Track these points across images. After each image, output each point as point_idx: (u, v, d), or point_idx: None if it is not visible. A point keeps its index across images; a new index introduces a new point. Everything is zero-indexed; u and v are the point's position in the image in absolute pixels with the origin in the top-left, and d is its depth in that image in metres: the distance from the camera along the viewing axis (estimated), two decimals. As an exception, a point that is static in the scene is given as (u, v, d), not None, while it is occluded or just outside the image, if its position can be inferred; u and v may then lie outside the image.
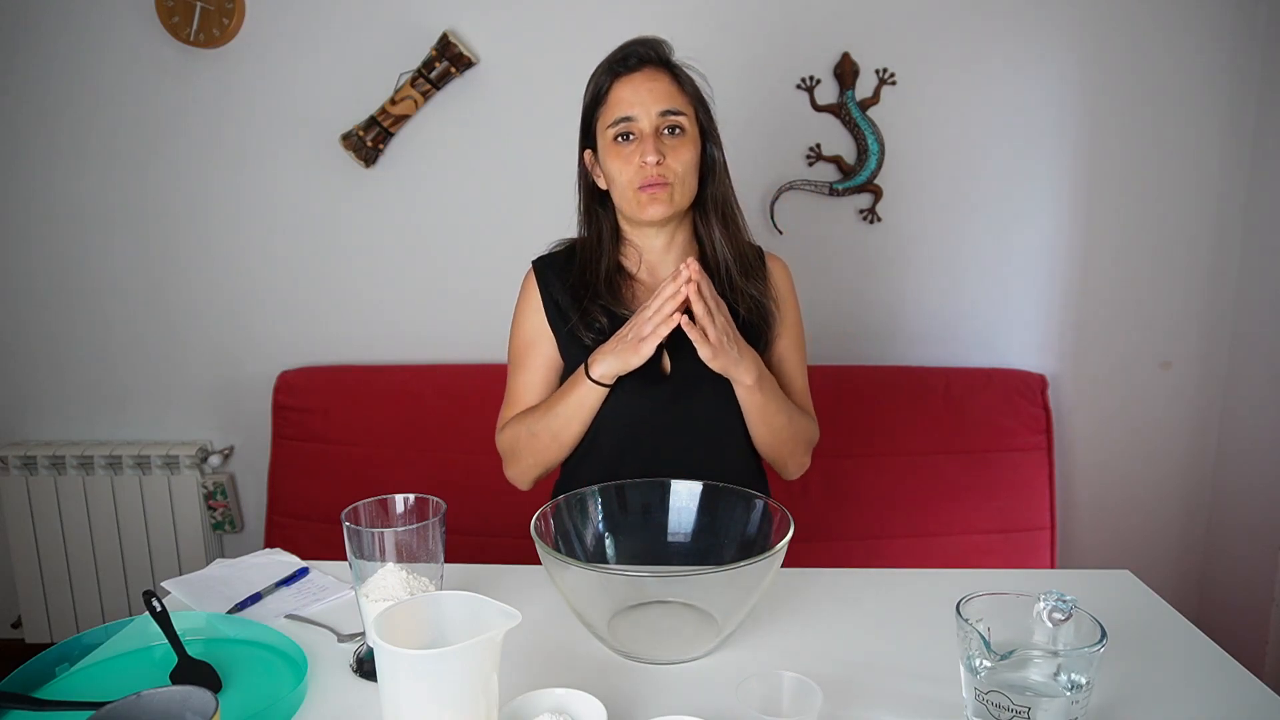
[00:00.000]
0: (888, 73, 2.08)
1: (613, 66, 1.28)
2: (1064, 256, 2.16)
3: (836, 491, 2.05)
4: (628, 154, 1.26)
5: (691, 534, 1.14)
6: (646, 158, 1.24)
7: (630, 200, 1.27)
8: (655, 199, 1.26)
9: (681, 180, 1.27)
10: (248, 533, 2.38)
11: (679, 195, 1.27)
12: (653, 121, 1.25)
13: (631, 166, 1.25)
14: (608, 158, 1.28)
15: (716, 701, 0.90)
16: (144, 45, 2.13)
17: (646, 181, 1.25)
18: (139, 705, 0.68)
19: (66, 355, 2.31)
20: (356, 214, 2.20)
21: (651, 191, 1.25)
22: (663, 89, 1.26)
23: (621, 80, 1.27)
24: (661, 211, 1.27)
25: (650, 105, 1.25)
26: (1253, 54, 2.05)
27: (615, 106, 1.27)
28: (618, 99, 1.27)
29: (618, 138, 1.27)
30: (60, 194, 2.22)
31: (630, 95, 1.26)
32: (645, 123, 1.25)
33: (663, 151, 1.25)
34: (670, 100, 1.26)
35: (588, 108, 1.32)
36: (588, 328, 1.31)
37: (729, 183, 1.35)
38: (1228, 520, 2.19)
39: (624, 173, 1.26)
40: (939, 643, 1.00)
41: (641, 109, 1.25)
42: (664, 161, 1.25)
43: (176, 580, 1.19)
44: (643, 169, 1.24)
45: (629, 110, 1.25)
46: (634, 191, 1.26)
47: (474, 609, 0.80)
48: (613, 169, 1.28)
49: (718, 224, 1.34)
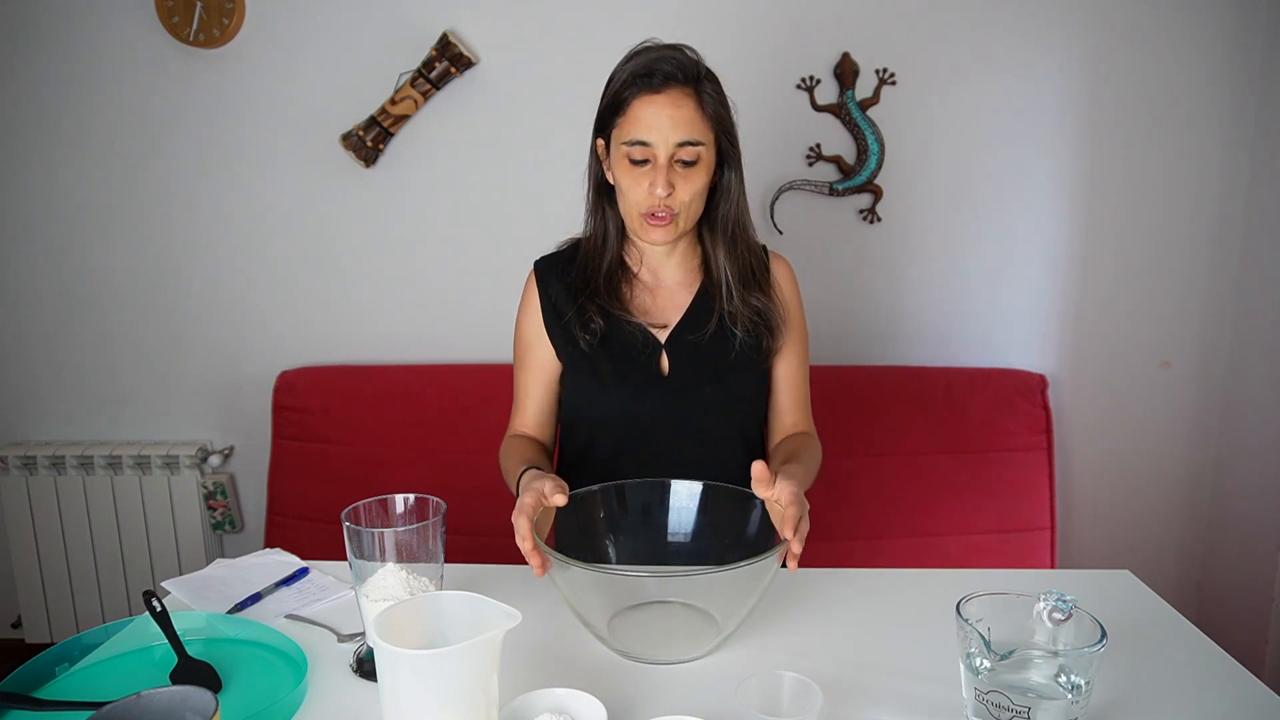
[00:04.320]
0: (888, 73, 2.08)
1: (638, 79, 1.22)
2: (1064, 256, 2.16)
3: (836, 491, 2.05)
4: (638, 176, 1.24)
5: (691, 534, 1.14)
6: (657, 190, 1.22)
7: (635, 222, 1.27)
8: (660, 228, 1.25)
9: (687, 208, 1.25)
10: (248, 533, 2.38)
11: (684, 222, 1.27)
12: (669, 150, 1.21)
13: (640, 189, 1.24)
14: (619, 169, 1.26)
15: (716, 701, 0.90)
16: (144, 45, 2.13)
17: (652, 210, 1.24)
18: (139, 705, 0.68)
19: (66, 355, 2.31)
20: (356, 214, 2.20)
21: (656, 222, 1.25)
22: (685, 117, 1.21)
23: (645, 99, 1.22)
24: (663, 239, 1.27)
25: (670, 134, 1.21)
26: (1253, 54, 2.05)
27: (634, 125, 1.22)
28: (637, 118, 1.22)
29: (631, 158, 1.24)
30: (60, 194, 2.22)
31: (651, 119, 1.21)
32: (661, 151, 1.22)
33: (674, 182, 1.22)
34: (690, 130, 1.22)
35: (606, 108, 1.27)
36: (583, 328, 1.30)
37: (744, 203, 1.33)
38: (1228, 520, 2.19)
39: (632, 191, 1.25)
40: (939, 643, 1.00)
41: (660, 136, 1.21)
42: (674, 194, 1.23)
43: (176, 580, 1.19)
44: (650, 197, 1.23)
45: (647, 135, 1.21)
46: (639, 215, 1.25)
47: (474, 609, 0.80)
48: (623, 183, 1.26)
49: (724, 243, 1.32)
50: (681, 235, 1.29)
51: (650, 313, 1.34)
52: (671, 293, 1.36)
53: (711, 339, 1.32)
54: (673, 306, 1.35)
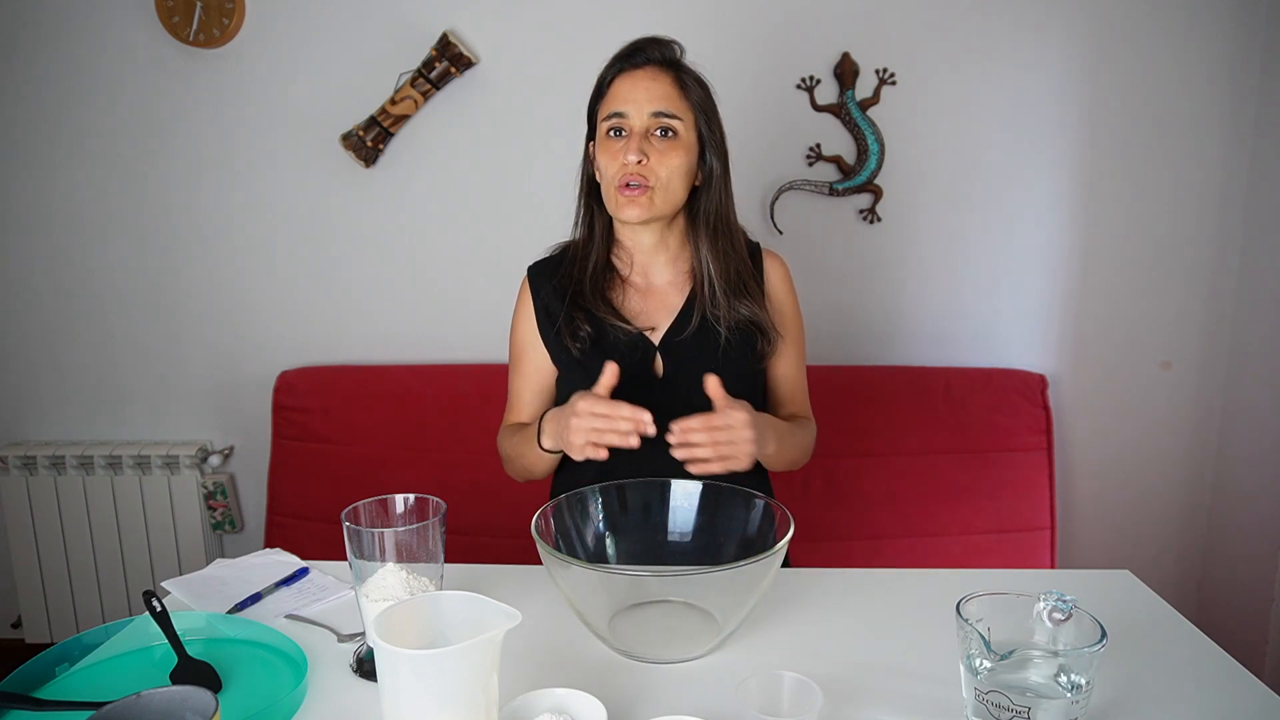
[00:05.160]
0: (888, 73, 2.08)
1: (619, 61, 1.28)
2: (1064, 256, 2.16)
3: (836, 491, 2.05)
4: (615, 150, 1.25)
5: (691, 534, 1.14)
6: (629, 156, 1.23)
7: (611, 198, 1.27)
8: (634, 201, 1.24)
9: (665, 185, 1.25)
10: (248, 533, 2.38)
11: (660, 200, 1.26)
12: (644, 121, 1.24)
13: (616, 163, 1.25)
14: (599, 151, 1.29)
15: (716, 701, 0.90)
16: (144, 45, 2.13)
17: (625, 180, 1.24)
18: (139, 705, 0.68)
19: (66, 355, 2.31)
20: (356, 214, 2.20)
21: (630, 193, 1.24)
22: (661, 90, 1.25)
23: (623, 75, 1.27)
24: (638, 214, 1.25)
25: (644, 104, 1.24)
26: (1253, 54, 2.05)
27: (612, 100, 1.27)
28: (615, 93, 1.27)
29: (610, 132, 1.27)
30: (60, 194, 2.22)
31: (627, 91, 1.26)
32: (636, 120, 1.25)
33: (647, 152, 1.23)
34: (666, 102, 1.25)
35: (591, 99, 1.32)
36: (573, 337, 1.31)
37: (727, 197, 1.33)
38: (1228, 520, 2.19)
39: (609, 167, 1.26)
40: (939, 643, 1.00)
41: (634, 106, 1.25)
42: (646, 162, 1.23)
43: (176, 580, 1.19)
44: (624, 166, 1.24)
45: (622, 106, 1.25)
46: (615, 189, 1.26)
47: (474, 609, 0.80)
48: (601, 162, 1.28)
49: (707, 237, 1.32)
50: (658, 216, 1.28)
51: (642, 315, 1.34)
52: (663, 295, 1.35)
53: (704, 340, 1.32)
54: (664, 309, 1.35)
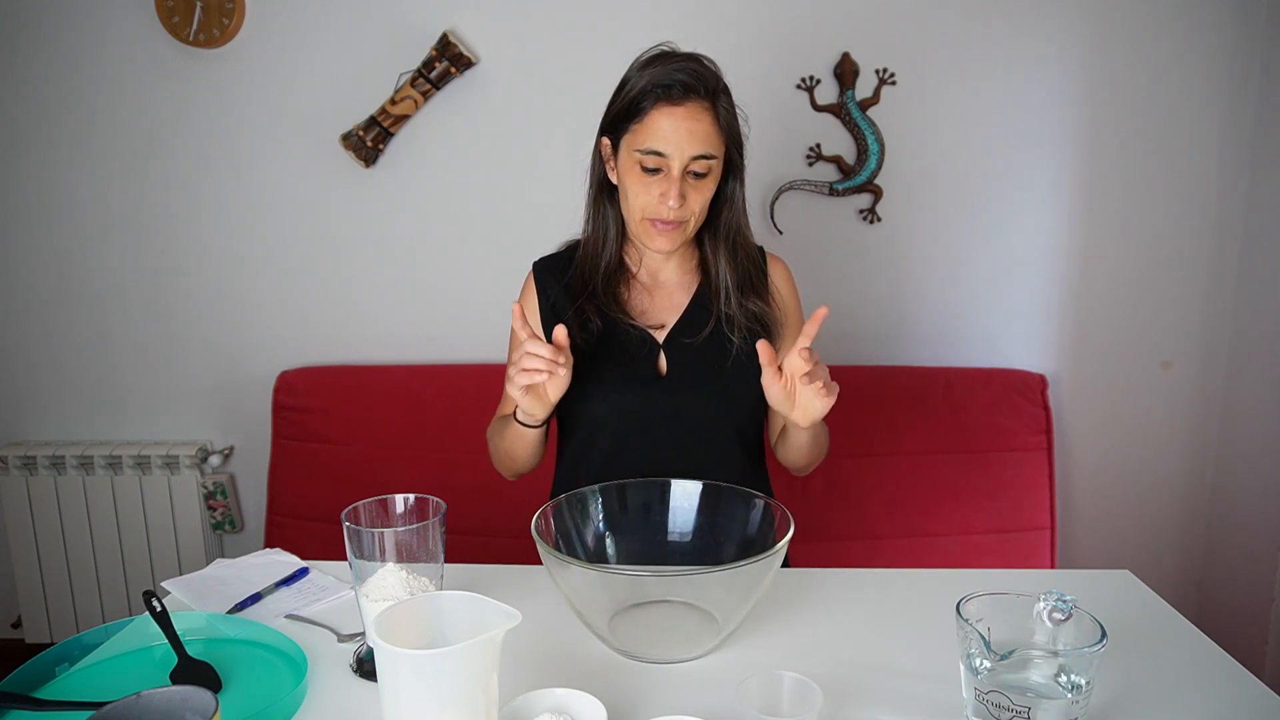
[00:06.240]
0: (888, 73, 2.08)
1: (658, 88, 1.21)
2: (1064, 256, 2.16)
3: (836, 491, 2.05)
4: (649, 183, 1.24)
5: (691, 534, 1.14)
6: (669, 202, 1.22)
7: (640, 227, 1.28)
8: (666, 235, 1.26)
9: (696, 217, 1.27)
10: (248, 533, 2.38)
11: (690, 230, 1.28)
12: (684, 163, 1.22)
13: (650, 196, 1.24)
14: (628, 175, 1.26)
15: (716, 701, 0.90)
16: (144, 45, 2.13)
17: (662, 219, 1.24)
18: (139, 705, 0.68)
19: (66, 355, 2.31)
20: (356, 214, 2.20)
21: (663, 229, 1.25)
22: (702, 131, 1.22)
23: (664, 109, 1.21)
24: (668, 246, 1.27)
25: (686, 148, 1.21)
26: (1253, 54, 2.05)
27: (651, 135, 1.22)
28: (655, 128, 1.22)
29: (646, 166, 1.24)
30: (60, 193, 2.22)
31: (669, 130, 1.21)
32: (676, 163, 1.22)
33: (685, 193, 1.23)
34: (706, 144, 1.22)
35: (620, 112, 1.27)
36: (581, 328, 1.31)
37: (743, 212, 1.34)
38: (1228, 520, 2.19)
39: (640, 197, 1.25)
40: (939, 643, 1.00)
41: (676, 149, 1.21)
42: (685, 204, 1.24)
43: (176, 580, 1.19)
44: (661, 206, 1.23)
45: (664, 146, 1.22)
46: (646, 221, 1.26)
47: (474, 609, 0.80)
48: (631, 189, 1.26)
49: (725, 249, 1.33)
50: (685, 243, 1.30)
51: (648, 313, 1.34)
52: (669, 293, 1.36)
53: (709, 340, 1.32)
54: (670, 307, 1.35)
